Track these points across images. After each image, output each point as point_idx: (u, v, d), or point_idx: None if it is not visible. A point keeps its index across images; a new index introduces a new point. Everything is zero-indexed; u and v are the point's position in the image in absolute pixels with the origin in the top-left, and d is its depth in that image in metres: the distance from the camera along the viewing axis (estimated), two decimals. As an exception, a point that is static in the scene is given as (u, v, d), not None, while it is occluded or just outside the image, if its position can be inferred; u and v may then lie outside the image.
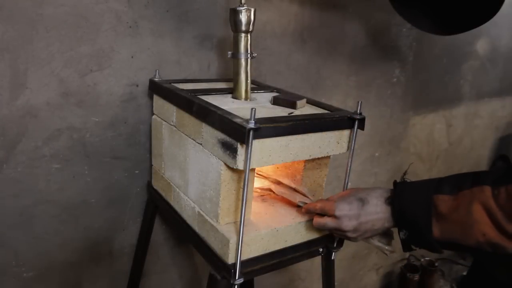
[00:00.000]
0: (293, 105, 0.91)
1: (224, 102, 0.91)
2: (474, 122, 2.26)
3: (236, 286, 0.80)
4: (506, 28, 2.14)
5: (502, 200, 0.66)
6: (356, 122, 0.86)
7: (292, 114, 0.86)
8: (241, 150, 0.74)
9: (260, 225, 0.86)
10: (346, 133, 0.88)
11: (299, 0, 1.30)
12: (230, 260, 0.80)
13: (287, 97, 0.95)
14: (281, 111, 0.89)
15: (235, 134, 0.74)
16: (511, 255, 0.69)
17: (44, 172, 1.00)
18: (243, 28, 0.91)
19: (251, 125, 0.71)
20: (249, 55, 0.94)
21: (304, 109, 0.93)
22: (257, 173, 1.00)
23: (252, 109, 0.71)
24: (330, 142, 0.86)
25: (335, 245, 0.93)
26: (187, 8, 1.08)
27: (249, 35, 0.93)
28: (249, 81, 0.96)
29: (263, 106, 0.93)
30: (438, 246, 0.74)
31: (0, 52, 0.88)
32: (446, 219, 0.71)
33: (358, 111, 0.86)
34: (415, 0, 1.24)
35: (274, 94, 1.03)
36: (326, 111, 0.92)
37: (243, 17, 0.90)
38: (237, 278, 0.79)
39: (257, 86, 1.13)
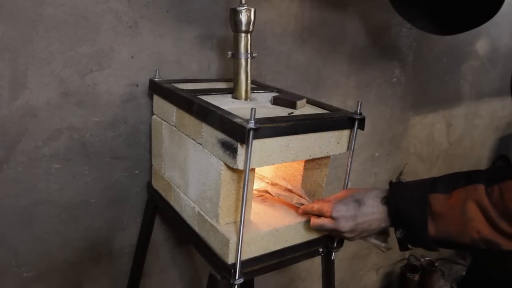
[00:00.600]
0: (293, 105, 0.91)
1: (224, 102, 0.91)
2: (474, 122, 2.26)
3: (236, 286, 0.80)
4: (506, 28, 2.14)
5: (495, 198, 0.67)
6: (356, 122, 0.86)
7: (292, 114, 0.86)
8: (241, 150, 0.74)
9: (260, 225, 0.86)
10: (346, 133, 0.88)
11: (299, 0, 1.29)
12: (230, 260, 0.80)
13: (287, 97, 0.95)
14: (281, 111, 0.89)
15: (235, 134, 0.74)
16: (505, 251, 0.70)
17: (44, 172, 1.00)
18: (243, 28, 0.91)
19: (251, 125, 0.71)
20: (249, 55, 0.94)
21: (304, 109, 0.93)
22: (256, 173, 0.99)
23: (252, 109, 0.71)
24: (330, 142, 0.86)
25: (335, 245, 0.93)
26: (187, 8, 1.08)
27: (249, 35, 0.93)
28: (249, 81, 0.96)
29: (263, 106, 0.93)
30: (434, 245, 0.75)
31: (0, 52, 0.88)
32: (441, 217, 0.72)
33: (358, 111, 0.86)
34: (415, 0, 1.24)
35: (274, 94, 1.03)
36: (326, 111, 0.92)
37: (243, 17, 0.90)
38: (237, 278, 0.79)
39: (257, 86, 1.13)
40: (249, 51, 0.94)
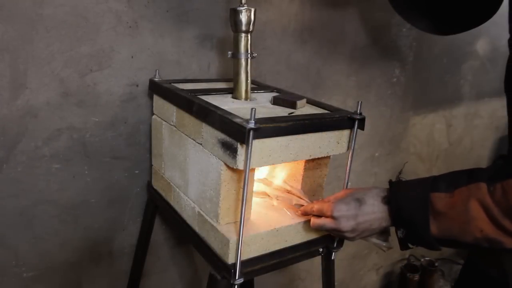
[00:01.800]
0: (293, 105, 0.91)
1: (224, 102, 0.91)
2: (474, 122, 2.26)
3: (236, 286, 0.80)
4: (506, 28, 2.13)
5: (498, 196, 0.67)
6: (356, 122, 0.86)
7: (292, 114, 0.86)
8: (241, 150, 0.74)
9: (260, 225, 0.86)
10: (346, 133, 0.88)
11: (299, 0, 1.30)
12: (230, 260, 0.80)
13: (287, 97, 0.95)
14: (281, 111, 0.89)
15: (235, 134, 0.74)
16: (508, 250, 0.70)
17: (44, 172, 1.00)
18: (243, 28, 0.91)
19: (251, 125, 0.71)
20: (249, 55, 0.94)
21: (304, 109, 0.93)
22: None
23: (252, 109, 0.71)
24: (330, 142, 0.86)
25: (335, 245, 0.93)
26: (187, 8, 1.08)
27: (249, 35, 0.93)
28: (249, 81, 0.96)
29: (263, 106, 0.93)
30: (436, 244, 0.75)
31: (0, 52, 0.88)
32: (443, 216, 0.72)
33: (358, 111, 0.86)
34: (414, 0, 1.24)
35: (274, 94, 1.03)
36: (326, 111, 0.92)
37: (243, 17, 0.90)
38: (237, 278, 0.79)
39: (257, 86, 1.13)
40: (249, 51, 0.94)
